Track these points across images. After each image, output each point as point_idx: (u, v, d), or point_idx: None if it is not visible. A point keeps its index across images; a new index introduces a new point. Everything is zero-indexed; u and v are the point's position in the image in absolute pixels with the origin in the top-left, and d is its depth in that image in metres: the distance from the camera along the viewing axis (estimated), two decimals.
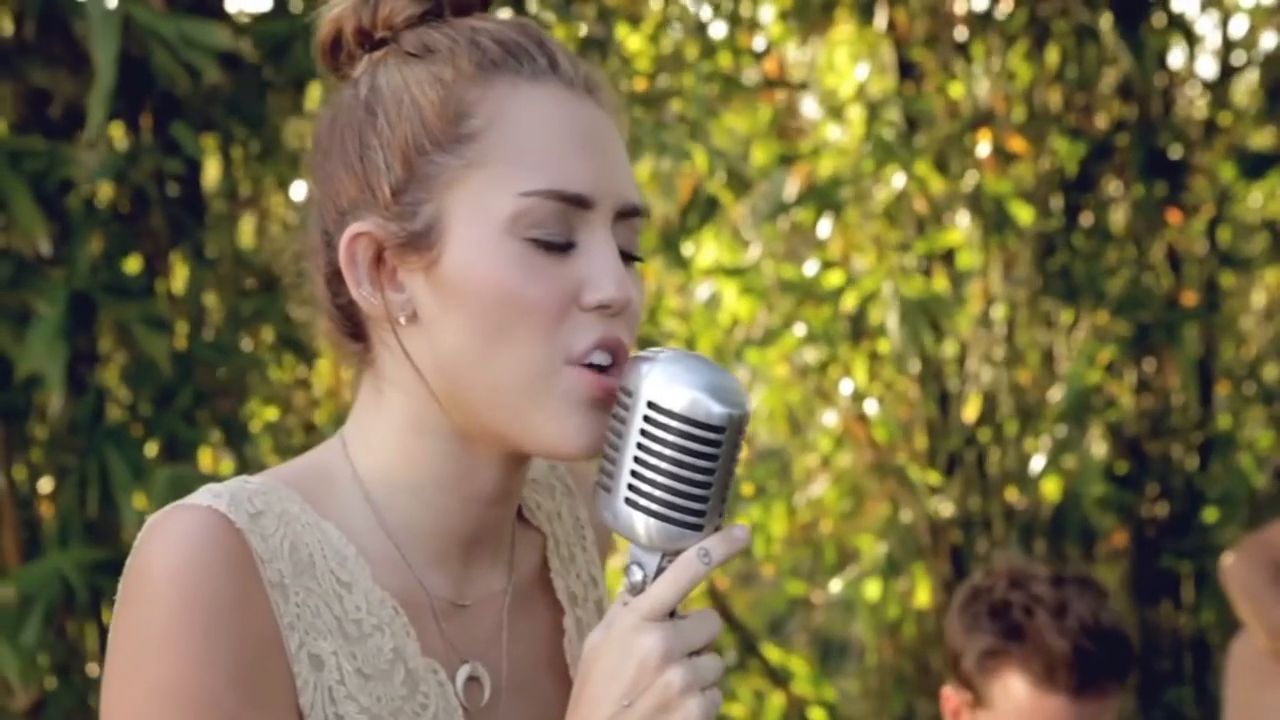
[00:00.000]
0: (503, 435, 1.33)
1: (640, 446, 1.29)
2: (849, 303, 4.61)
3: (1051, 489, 4.80)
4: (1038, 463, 4.82)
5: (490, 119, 1.33)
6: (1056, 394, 4.85)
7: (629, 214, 1.35)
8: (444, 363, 1.33)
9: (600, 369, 1.32)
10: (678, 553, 1.29)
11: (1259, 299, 5.46)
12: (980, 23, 4.48)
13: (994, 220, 4.67)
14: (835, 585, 5.08)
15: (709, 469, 1.29)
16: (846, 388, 5.01)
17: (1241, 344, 5.37)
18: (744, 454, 1.52)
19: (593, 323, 1.32)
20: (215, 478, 3.44)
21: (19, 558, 3.47)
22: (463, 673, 1.37)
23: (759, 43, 4.78)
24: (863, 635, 5.45)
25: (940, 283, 4.83)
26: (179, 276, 3.64)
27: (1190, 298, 5.05)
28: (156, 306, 3.44)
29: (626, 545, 1.33)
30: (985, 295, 4.95)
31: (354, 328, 1.38)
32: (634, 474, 1.29)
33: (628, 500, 1.29)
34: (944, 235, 4.73)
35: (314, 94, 3.74)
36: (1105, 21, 4.48)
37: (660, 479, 1.28)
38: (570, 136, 1.34)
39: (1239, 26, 5.40)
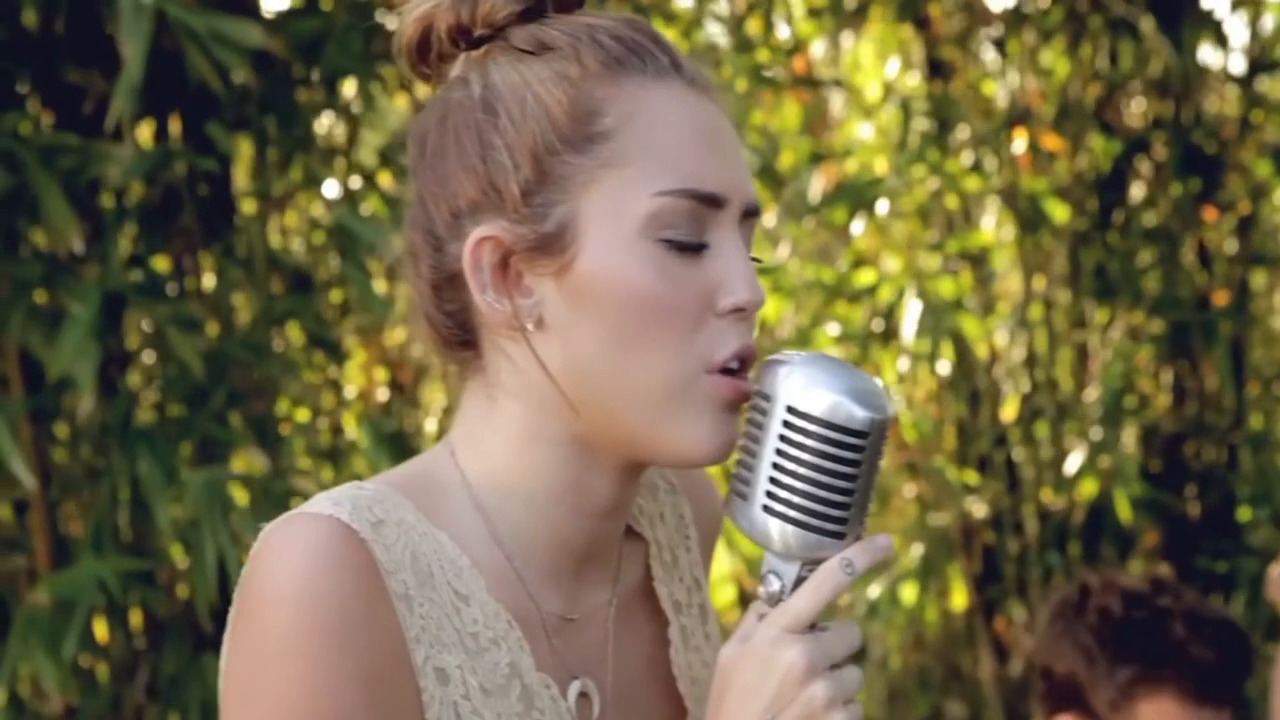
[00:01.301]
0: (631, 442, 1.30)
1: (779, 452, 1.25)
2: (881, 300, 4.58)
3: (1089, 489, 4.76)
4: (1073, 463, 4.79)
5: (622, 118, 1.30)
6: (1091, 394, 4.81)
7: (751, 214, 1.33)
8: (575, 369, 1.29)
9: (730, 373, 1.30)
10: (817, 562, 1.26)
11: None
12: (1016, 19, 4.44)
13: (1029, 219, 4.63)
14: (874, 590, 5.03)
15: (851, 475, 1.25)
16: None
17: (1273, 343, 5.34)
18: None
19: (729, 329, 1.29)
20: (251, 480, 3.46)
21: (49, 563, 3.44)
22: (574, 688, 1.34)
23: (785, 36, 4.75)
24: (884, 638, 5.41)
25: (970, 282, 4.80)
26: (210, 276, 3.61)
27: (1222, 296, 5.02)
28: (188, 307, 3.42)
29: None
30: (1020, 294, 4.91)
31: (464, 334, 1.34)
32: (772, 480, 1.26)
33: (765, 507, 1.26)
34: (976, 234, 4.69)
35: (347, 91, 3.71)
36: (1142, 17, 4.44)
37: (801, 485, 1.25)
38: (698, 136, 1.31)
39: (1269, 23, 5.35)
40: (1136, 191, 4.84)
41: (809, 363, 1.27)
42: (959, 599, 4.93)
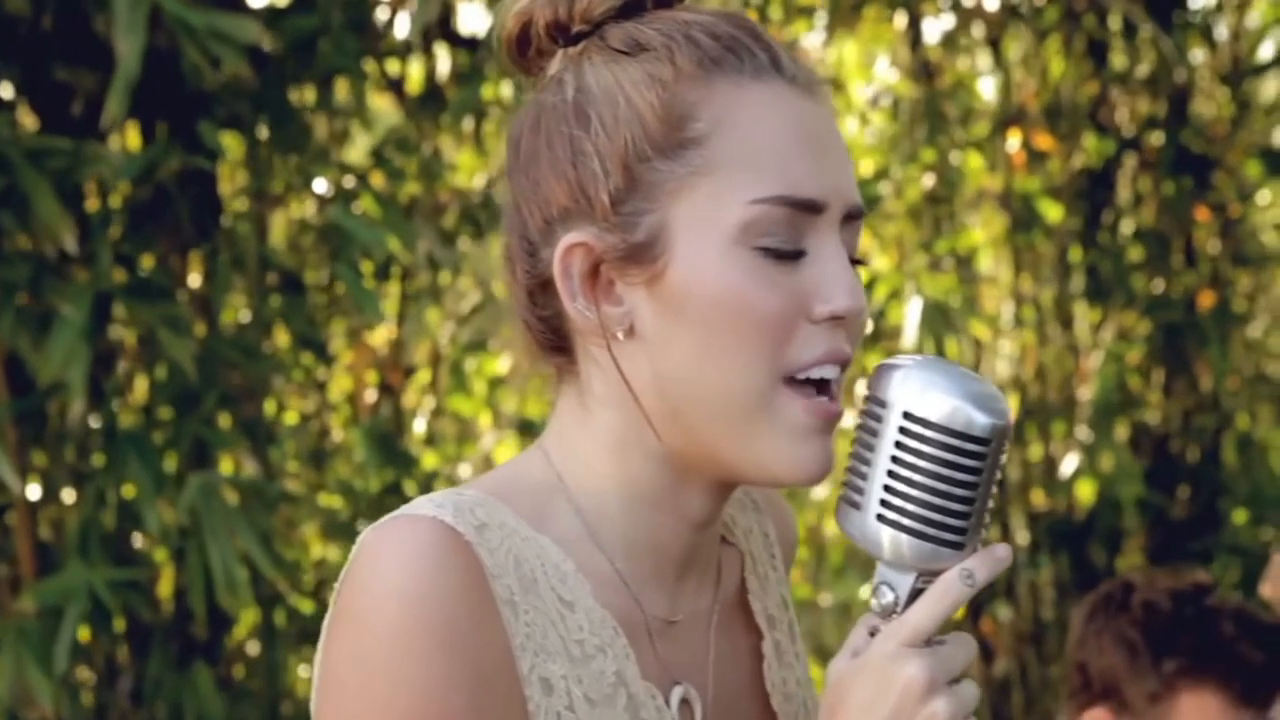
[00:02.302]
0: (719, 458, 1.26)
1: (896, 460, 1.21)
2: (875, 300, 4.55)
3: (1085, 491, 4.74)
4: (1069, 464, 4.76)
5: (715, 122, 1.26)
6: (1085, 394, 4.79)
7: (854, 216, 1.28)
8: (664, 379, 1.26)
9: (822, 385, 1.25)
10: (933, 573, 1.22)
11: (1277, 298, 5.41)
12: (1010, 17, 4.42)
13: (1022, 218, 4.61)
14: (864, 590, 5.00)
15: (972, 483, 1.21)
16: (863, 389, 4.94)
17: (1254, 344, 5.33)
18: None
19: (820, 334, 1.25)
20: (246, 484, 3.42)
21: (34, 570, 3.39)
22: (676, 694, 1.30)
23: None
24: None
25: (959, 282, 4.77)
26: (200, 276, 3.57)
27: (1208, 297, 5.01)
28: (179, 308, 3.37)
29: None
30: (1011, 294, 4.89)
31: (558, 340, 1.30)
32: (887, 489, 1.21)
33: (880, 517, 1.21)
34: (968, 234, 4.67)
35: (341, 89, 3.67)
36: (1138, 16, 4.42)
37: (919, 494, 1.20)
38: (798, 138, 1.26)
39: (1254, 23, 5.34)
40: (1128, 191, 4.82)
41: (925, 366, 1.22)
42: None
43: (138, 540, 3.46)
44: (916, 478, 1.20)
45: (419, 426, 4.17)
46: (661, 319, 1.25)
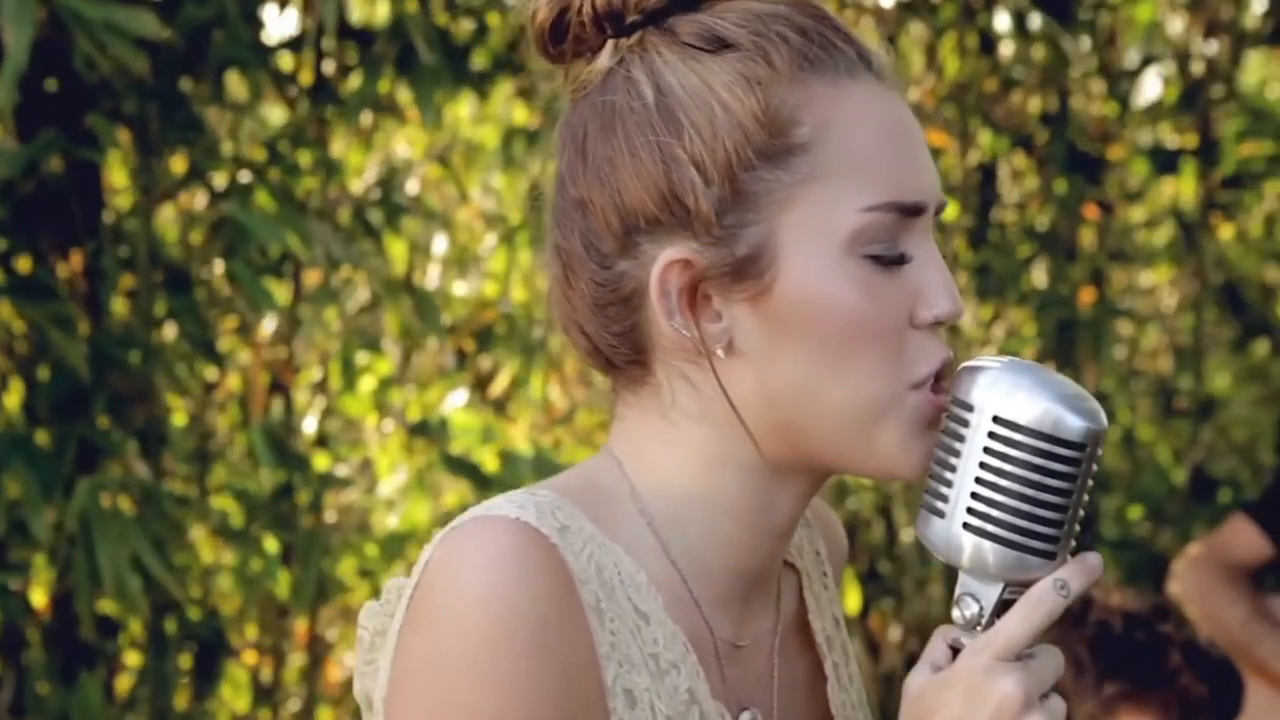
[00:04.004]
0: (831, 461, 1.23)
1: (985, 466, 1.16)
2: None
3: None
4: None
5: (819, 126, 1.20)
6: None
7: (939, 211, 1.25)
8: (772, 394, 1.21)
9: (932, 384, 1.22)
10: (1022, 584, 1.17)
11: (1161, 297, 5.48)
12: (907, 14, 4.43)
13: None
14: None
15: (1065, 490, 1.16)
16: None
17: (1130, 341, 5.39)
18: None
19: (928, 342, 1.21)
20: (142, 486, 3.34)
21: None
22: (744, 719, 1.26)
23: None
24: None
25: None
26: (84, 274, 3.48)
27: (1089, 294, 5.05)
28: (66, 307, 3.28)
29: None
30: None
31: (633, 354, 1.24)
32: (976, 496, 1.17)
33: (967, 525, 1.17)
34: None
35: (234, 83, 3.59)
36: (1034, 13, 4.45)
37: (1010, 501, 1.16)
38: (895, 139, 1.22)
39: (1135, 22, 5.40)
40: (1021, 188, 4.85)
41: (1013, 369, 1.18)
42: (853, 600, 4.91)
43: (17, 548, 3.37)
44: (1007, 484, 1.16)
45: (309, 427, 4.09)
46: (768, 334, 1.21)
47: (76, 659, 3.46)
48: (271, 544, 3.78)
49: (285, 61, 3.71)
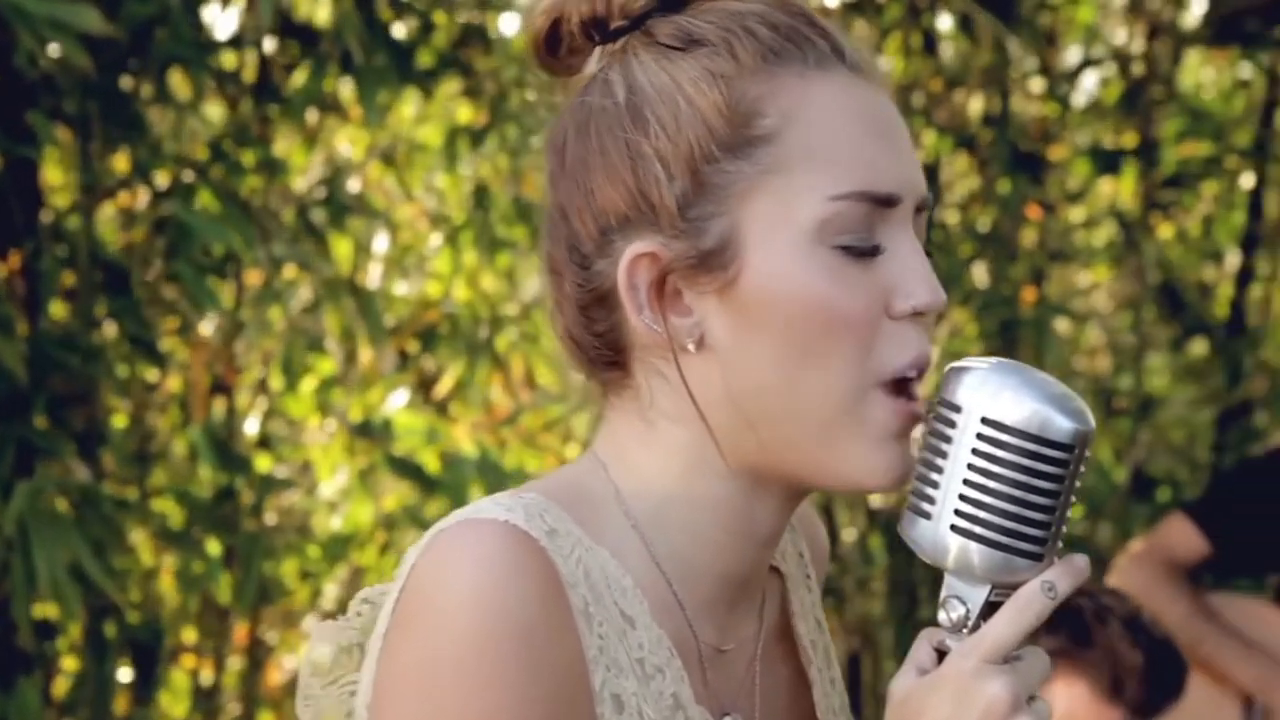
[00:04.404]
0: (801, 469, 1.21)
1: (972, 467, 1.15)
2: None
3: None
4: None
5: (784, 117, 1.20)
6: (920, 391, 4.81)
7: (922, 208, 1.24)
8: (741, 393, 1.20)
9: (902, 384, 1.20)
10: (1008, 586, 1.17)
11: (1100, 297, 5.50)
12: (852, 14, 4.42)
13: None
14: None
15: (1053, 491, 1.15)
16: None
17: (1068, 340, 5.41)
18: None
19: (904, 333, 1.20)
20: (81, 488, 3.29)
21: None
22: None
23: None
24: None
25: None
26: (21, 274, 3.44)
27: (1031, 293, 5.07)
28: (5, 307, 3.24)
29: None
30: None
31: (613, 355, 1.24)
32: (963, 498, 1.15)
33: (955, 527, 1.16)
34: None
35: (178, 81, 3.55)
36: (978, 13, 4.45)
37: (998, 503, 1.15)
38: (868, 129, 1.21)
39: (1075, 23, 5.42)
40: (963, 188, 4.86)
41: (1000, 369, 1.17)
42: None
43: None
44: (995, 486, 1.15)
45: (251, 428, 4.05)
46: (736, 328, 1.20)
47: (14, 664, 3.42)
48: (213, 546, 3.74)
49: (228, 59, 3.67)
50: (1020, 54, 4.78)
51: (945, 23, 4.72)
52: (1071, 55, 5.14)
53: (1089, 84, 5.17)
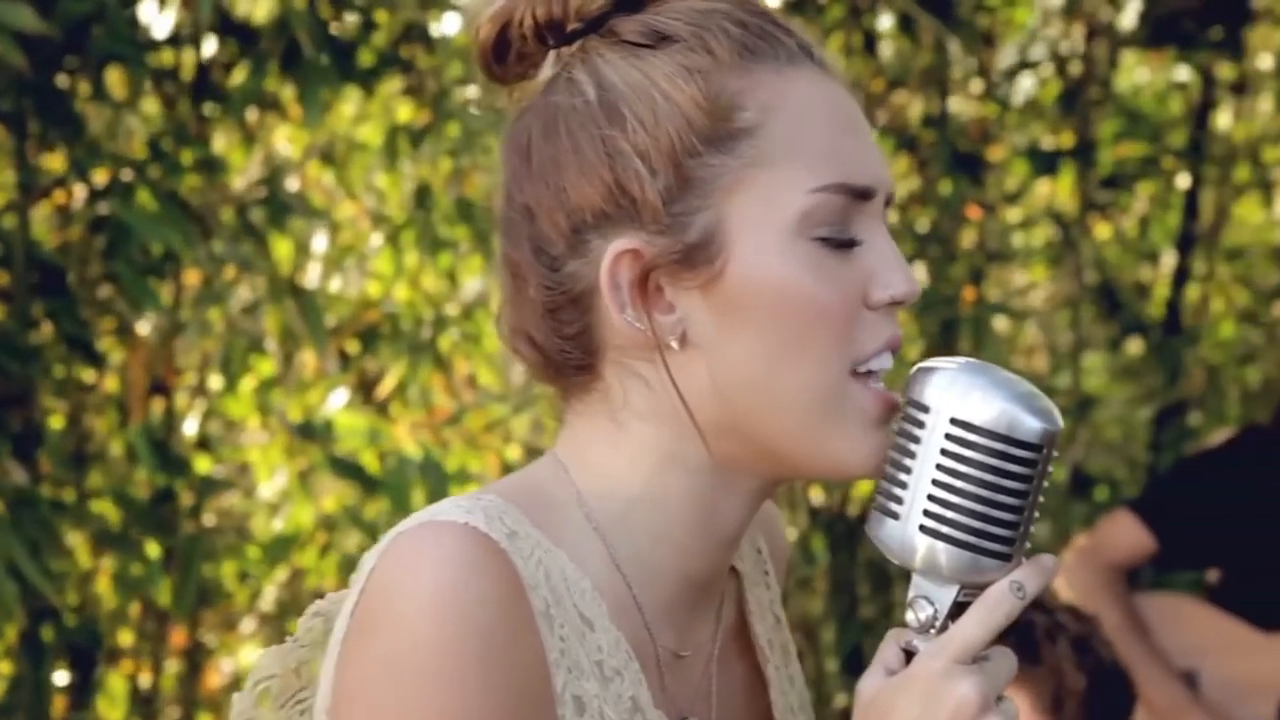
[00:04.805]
0: (783, 457, 1.22)
1: (941, 468, 1.15)
2: None
3: (865, 486, 4.78)
4: None
5: (764, 111, 1.21)
6: None
7: (890, 201, 1.25)
8: (727, 385, 1.20)
9: (873, 373, 1.22)
10: (977, 587, 1.17)
11: (1036, 297, 5.53)
12: (794, 13, 4.43)
13: None
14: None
15: (1022, 491, 1.15)
16: None
17: (1001, 340, 5.43)
18: None
19: (879, 322, 1.21)
20: (17, 490, 3.26)
21: None
22: None
23: None
24: None
25: None
26: None
27: (971, 293, 5.09)
28: None
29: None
30: None
31: (582, 357, 1.23)
32: (932, 498, 1.16)
33: (923, 527, 1.16)
34: None
35: (114, 79, 3.52)
36: (916, 14, 4.47)
37: (967, 504, 1.15)
38: (842, 124, 1.23)
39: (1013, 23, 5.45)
40: (904, 189, 4.87)
41: (968, 370, 1.18)
42: None
43: None
44: (964, 486, 1.15)
45: (190, 429, 4.02)
46: (720, 322, 1.20)
47: None
48: (152, 549, 3.71)
49: (166, 57, 3.64)
50: (959, 55, 4.80)
51: (886, 23, 4.74)
52: (1009, 56, 5.16)
53: (1027, 85, 5.19)
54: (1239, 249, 5.53)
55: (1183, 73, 5.30)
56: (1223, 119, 5.26)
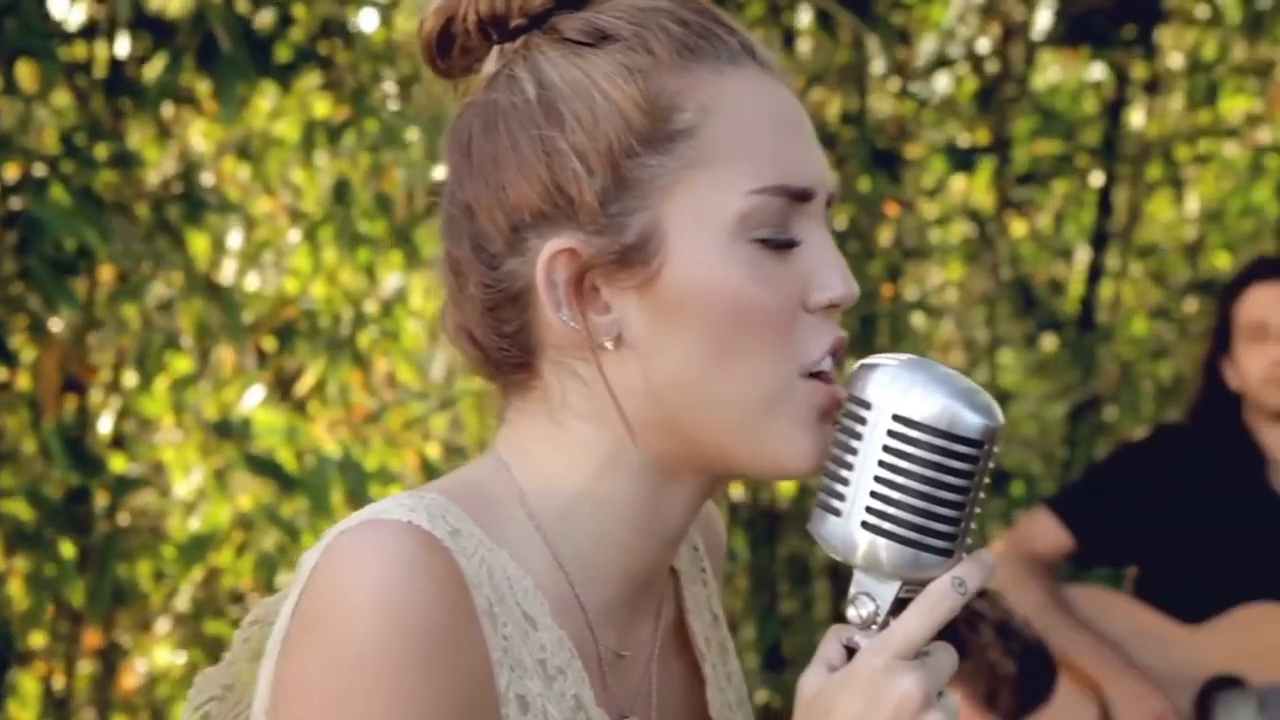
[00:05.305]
0: (722, 457, 1.21)
1: (884, 464, 1.15)
2: None
3: (787, 485, 4.79)
4: None
5: (702, 111, 1.19)
6: None
7: (831, 202, 1.24)
8: (663, 386, 1.19)
9: (821, 374, 1.21)
10: (918, 583, 1.16)
11: (952, 294, 5.56)
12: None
13: None
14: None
15: (963, 487, 1.15)
16: None
17: (929, 337, 5.46)
18: None
19: (820, 325, 1.20)
20: None
21: None
22: None
23: None
24: None
25: None
26: None
27: (888, 290, 5.11)
28: None
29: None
30: None
31: (521, 356, 1.22)
32: (874, 494, 1.15)
33: (866, 524, 1.16)
34: None
35: (24, 72, 3.47)
36: (835, 11, 4.48)
37: (909, 500, 1.15)
38: (781, 124, 1.21)
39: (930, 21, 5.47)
40: None
41: (910, 367, 1.17)
42: None
43: None
44: (906, 482, 1.15)
45: (105, 428, 3.97)
46: (656, 324, 1.19)
47: None
48: (66, 548, 3.66)
49: (79, 50, 3.59)
50: (877, 52, 4.82)
51: (805, 19, 4.74)
52: (926, 53, 5.18)
53: (943, 83, 5.22)
54: (1151, 246, 5.58)
55: (1096, 71, 5.35)
56: (1135, 117, 5.31)
